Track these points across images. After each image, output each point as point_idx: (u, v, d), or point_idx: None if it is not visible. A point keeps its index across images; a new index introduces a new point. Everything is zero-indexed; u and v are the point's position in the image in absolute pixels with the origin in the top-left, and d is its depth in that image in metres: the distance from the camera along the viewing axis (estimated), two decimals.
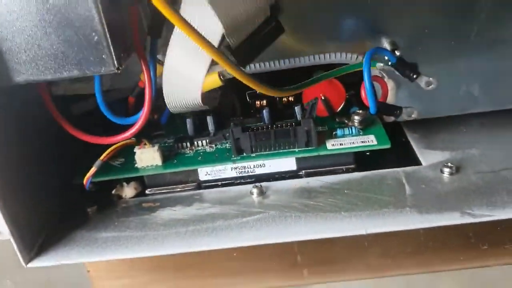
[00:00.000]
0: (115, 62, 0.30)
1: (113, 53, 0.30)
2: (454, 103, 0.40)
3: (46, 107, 0.35)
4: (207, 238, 0.33)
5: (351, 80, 0.39)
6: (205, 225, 0.34)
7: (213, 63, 0.34)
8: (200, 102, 0.34)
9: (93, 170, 0.34)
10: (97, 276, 0.39)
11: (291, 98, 0.40)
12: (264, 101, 0.41)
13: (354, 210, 0.33)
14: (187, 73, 0.34)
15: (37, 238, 0.34)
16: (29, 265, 0.33)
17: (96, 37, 0.29)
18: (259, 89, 0.32)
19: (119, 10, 0.32)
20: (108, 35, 0.29)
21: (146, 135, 0.38)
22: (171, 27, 0.33)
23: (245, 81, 0.31)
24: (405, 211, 0.32)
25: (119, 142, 0.35)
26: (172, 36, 0.33)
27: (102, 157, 0.34)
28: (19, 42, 0.29)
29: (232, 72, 0.31)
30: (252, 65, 0.38)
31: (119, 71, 0.30)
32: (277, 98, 0.40)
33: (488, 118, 0.40)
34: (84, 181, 0.34)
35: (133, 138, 0.35)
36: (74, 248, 0.34)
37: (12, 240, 0.32)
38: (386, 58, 0.36)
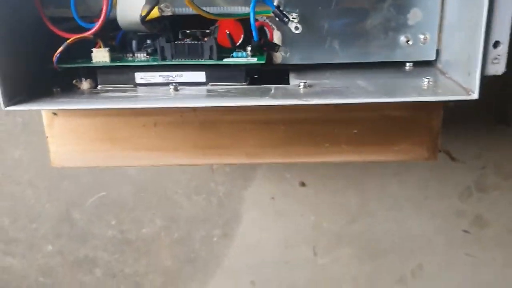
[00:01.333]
0: None
1: None
2: (321, 54, 0.57)
3: (38, 12, 0.51)
4: (132, 102, 0.49)
5: None
6: (132, 99, 0.50)
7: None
8: (139, 21, 0.51)
9: (61, 48, 0.50)
10: (52, 141, 0.53)
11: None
12: (191, 38, 0.57)
13: (234, 97, 0.49)
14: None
15: (15, 98, 0.50)
16: (7, 108, 0.48)
17: None
18: (193, 7, 0.50)
19: None
20: None
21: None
22: None
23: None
24: (264, 98, 0.48)
25: (82, 36, 0.51)
26: None
27: (68, 41, 0.50)
28: None
29: None
30: (183, 9, 0.55)
31: None
32: (199, 37, 0.57)
33: (347, 68, 0.57)
34: (54, 57, 0.50)
35: (92, 37, 0.51)
36: (38, 104, 0.49)
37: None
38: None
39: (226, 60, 0.53)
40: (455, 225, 0.84)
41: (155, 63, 0.53)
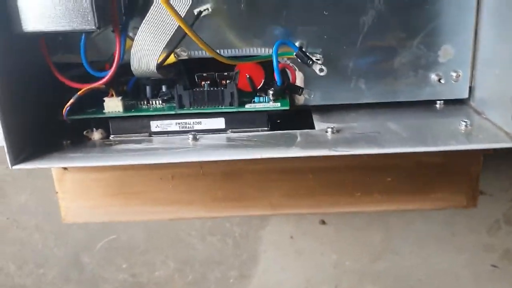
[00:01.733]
0: (96, 23, 0.43)
1: (95, 17, 0.43)
2: (346, 94, 0.53)
3: (44, 60, 0.48)
4: (149, 156, 0.45)
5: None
6: (149, 151, 0.46)
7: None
8: (155, 70, 0.47)
9: (71, 101, 0.46)
10: (63, 197, 0.50)
11: (228, 81, 0.54)
12: (208, 81, 0.54)
13: (257, 147, 0.46)
14: (149, 47, 0.47)
15: (22, 153, 0.46)
16: (15, 167, 0.44)
17: (85, 4, 0.43)
18: (210, 53, 0.47)
19: None
20: (93, 4, 0.43)
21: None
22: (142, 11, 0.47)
23: (202, 46, 0.45)
24: (291, 148, 0.45)
25: (93, 86, 0.48)
26: (144, 19, 0.47)
27: (79, 92, 0.47)
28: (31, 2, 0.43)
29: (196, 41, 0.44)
30: (199, 52, 0.52)
31: (98, 30, 0.44)
32: (217, 80, 0.54)
33: (373, 108, 0.54)
34: (64, 109, 0.47)
35: (103, 86, 0.48)
36: (46, 161, 0.45)
37: (5, 150, 0.44)
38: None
39: (248, 107, 0.49)
40: (484, 260, 0.80)
41: (172, 112, 0.49)
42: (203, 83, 0.54)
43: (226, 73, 0.54)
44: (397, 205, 0.48)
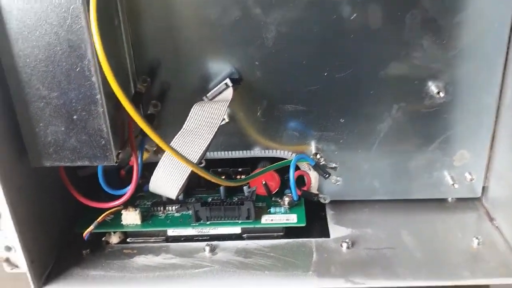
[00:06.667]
0: (115, 158, 0.43)
1: (113, 152, 0.43)
2: (360, 191, 0.54)
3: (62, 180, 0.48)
4: (167, 284, 0.46)
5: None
6: (167, 272, 0.47)
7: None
8: (174, 198, 0.46)
9: (91, 228, 0.47)
10: None
11: (243, 176, 0.54)
12: (223, 177, 0.54)
13: (274, 270, 0.47)
14: (170, 179, 0.46)
15: (45, 270, 0.48)
16: None
17: (103, 141, 0.43)
18: (218, 182, 0.48)
19: (121, 118, 0.45)
20: (112, 141, 0.43)
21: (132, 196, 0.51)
22: None
23: (210, 178, 0.46)
24: (308, 274, 0.46)
25: (111, 207, 0.48)
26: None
27: (98, 220, 0.47)
28: (50, 140, 0.43)
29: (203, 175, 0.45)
30: (222, 152, 0.52)
31: (116, 164, 0.44)
32: (232, 175, 0.54)
33: (385, 204, 0.55)
34: (84, 235, 0.48)
35: (121, 206, 0.49)
36: (70, 283, 0.47)
37: (28, 274, 0.45)
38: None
39: (265, 222, 0.50)
40: None
41: (190, 227, 0.50)
42: (221, 176, 0.54)
43: (240, 169, 0.54)
44: None
